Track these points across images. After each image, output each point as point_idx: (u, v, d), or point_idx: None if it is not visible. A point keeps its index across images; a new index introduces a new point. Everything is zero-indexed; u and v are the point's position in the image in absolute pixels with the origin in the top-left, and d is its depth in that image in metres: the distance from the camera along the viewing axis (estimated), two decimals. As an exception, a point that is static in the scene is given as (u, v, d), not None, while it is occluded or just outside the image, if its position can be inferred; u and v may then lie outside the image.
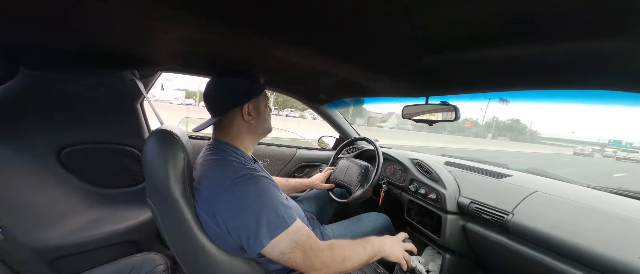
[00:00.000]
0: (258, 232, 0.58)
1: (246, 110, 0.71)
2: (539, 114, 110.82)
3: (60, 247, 0.87)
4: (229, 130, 0.72)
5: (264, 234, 0.57)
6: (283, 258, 0.59)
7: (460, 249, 1.02)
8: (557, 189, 0.90)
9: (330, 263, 0.63)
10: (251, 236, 0.58)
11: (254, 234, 0.58)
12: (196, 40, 0.68)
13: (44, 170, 0.94)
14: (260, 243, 0.57)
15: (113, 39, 0.66)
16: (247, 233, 0.59)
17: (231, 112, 0.71)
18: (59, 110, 0.97)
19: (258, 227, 0.58)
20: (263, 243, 0.57)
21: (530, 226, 0.77)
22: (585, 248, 0.65)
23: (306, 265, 0.60)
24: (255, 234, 0.58)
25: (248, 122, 0.72)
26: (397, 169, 1.36)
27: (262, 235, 0.57)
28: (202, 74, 1.22)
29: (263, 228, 0.58)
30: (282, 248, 0.59)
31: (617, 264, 0.59)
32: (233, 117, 0.71)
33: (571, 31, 0.41)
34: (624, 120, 74.96)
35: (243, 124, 0.72)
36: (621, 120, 76.49)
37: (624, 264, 0.58)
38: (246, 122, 0.72)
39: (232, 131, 0.72)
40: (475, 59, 0.60)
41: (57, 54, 0.76)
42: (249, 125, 0.73)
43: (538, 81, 0.68)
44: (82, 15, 0.52)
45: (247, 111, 0.71)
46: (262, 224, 0.58)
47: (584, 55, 0.48)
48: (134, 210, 1.09)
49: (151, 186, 0.64)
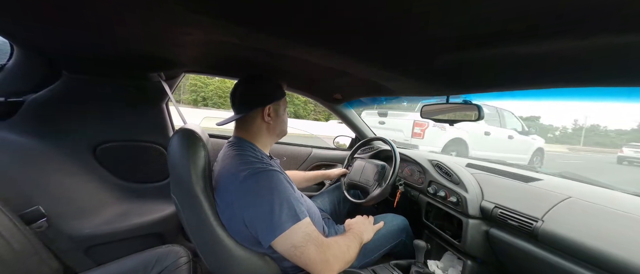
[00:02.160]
0: (271, 223, 0.60)
1: (267, 111, 0.77)
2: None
3: (94, 236, 0.94)
4: (250, 128, 0.78)
5: (276, 225, 0.60)
6: (296, 252, 0.60)
7: (482, 255, 0.97)
8: (594, 196, 0.82)
9: (342, 255, 0.66)
10: (264, 227, 0.61)
11: (267, 225, 0.60)
12: (216, 43, 0.71)
13: (82, 165, 1.03)
14: (273, 233, 0.60)
15: (142, 44, 0.71)
16: (260, 223, 0.61)
17: (253, 112, 0.77)
18: (94, 110, 1.05)
19: (271, 218, 0.60)
20: (275, 233, 0.60)
21: (563, 235, 0.72)
22: (626, 261, 0.59)
23: (320, 258, 0.61)
24: (269, 225, 0.60)
25: (267, 122, 0.79)
26: (415, 171, 1.32)
27: (274, 226, 0.60)
28: (222, 74, 1.27)
29: (275, 219, 0.60)
30: (295, 240, 0.60)
31: None
32: (254, 116, 0.78)
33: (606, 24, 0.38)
34: (683, 119, 64.51)
35: (262, 124, 0.79)
36: (673, 119, 66.59)
37: None
38: (265, 122, 0.78)
39: (253, 129, 0.79)
40: (500, 56, 0.57)
41: (94, 59, 0.83)
42: (268, 125, 0.79)
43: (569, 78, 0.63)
44: (115, 24, 0.56)
45: (268, 112, 0.77)
46: (274, 216, 0.60)
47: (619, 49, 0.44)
48: (159, 204, 1.15)
49: (175, 182, 0.68)
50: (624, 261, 0.60)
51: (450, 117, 1.02)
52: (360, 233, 0.82)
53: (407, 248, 1.09)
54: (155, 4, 0.47)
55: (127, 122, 1.13)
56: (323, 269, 0.62)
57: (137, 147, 1.16)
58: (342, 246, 0.69)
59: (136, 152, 1.16)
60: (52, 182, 0.90)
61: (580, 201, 0.80)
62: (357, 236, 0.79)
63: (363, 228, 0.87)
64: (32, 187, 0.84)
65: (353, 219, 0.94)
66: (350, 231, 0.82)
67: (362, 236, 0.82)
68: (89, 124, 1.05)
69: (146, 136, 1.18)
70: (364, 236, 0.83)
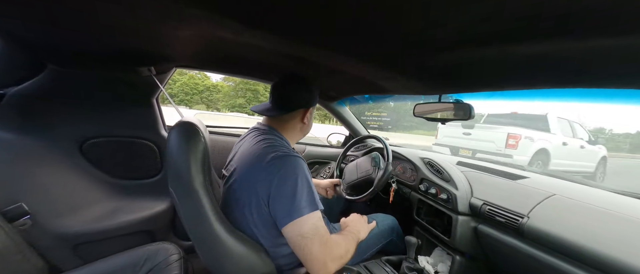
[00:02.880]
0: (291, 205, 0.62)
1: (309, 112, 0.83)
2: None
3: (81, 234, 0.92)
4: (286, 125, 0.82)
5: (295, 209, 0.62)
6: (302, 241, 0.61)
7: (471, 251, 1.00)
8: (578, 193, 0.86)
9: (339, 258, 0.67)
10: (284, 207, 0.62)
11: (287, 207, 0.62)
12: (209, 38, 0.70)
13: (68, 161, 1.00)
14: (290, 216, 0.62)
15: (131, 38, 0.69)
16: (282, 203, 0.63)
17: (295, 112, 0.81)
18: (82, 104, 1.02)
19: (293, 199, 0.62)
20: (292, 216, 0.61)
21: (547, 231, 0.74)
22: (608, 256, 0.62)
23: (320, 258, 0.62)
24: (289, 208, 0.62)
25: (303, 123, 0.84)
26: (407, 168, 1.34)
27: (293, 209, 0.62)
28: (215, 70, 1.24)
29: (296, 203, 0.62)
30: (304, 230, 0.61)
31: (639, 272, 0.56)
32: (295, 115, 0.82)
33: (598, 27, 0.39)
34: (681, 123, 58.40)
35: (298, 124, 0.84)
36: (673, 124, 61.57)
37: None
38: (301, 123, 0.84)
39: (288, 126, 0.82)
40: (493, 57, 0.58)
41: (81, 51, 0.80)
42: (302, 125, 0.85)
43: (559, 79, 0.65)
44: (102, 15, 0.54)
45: (309, 113, 0.83)
46: (295, 199, 0.62)
47: (609, 52, 0.46)
48: (149, 201, 1.13)
49: (173, 176, 0.67)
50: (603, 256, 0.63)
51: (442, 116, 1.04)
52: (357, 231, 0.84)
53: (397, 246, 1.11)
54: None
55: (115, 117, 1.10)
56: (320, 270, 0.63)
57: (127, 143, 1.14)
58: (342, 249, 0.70)
59: (125, 148, 1.14)
60: (36, 179, 0.87)
61: (564, 198, 0.84)
62: (355, 236, 0.81)
63: (359, 227, 0.88)
64: (15, 184, 0.81)
65: (349, 218, 0.95)
66: (348, 231, 0.83)
67: (359, 234, 0.84)
68: (75, 119, 1.02)
69: (136, 132, 1.15)
70: (361, 235, 0.85)
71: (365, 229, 0.90)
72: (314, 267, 0.63)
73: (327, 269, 0.64)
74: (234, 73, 1.27)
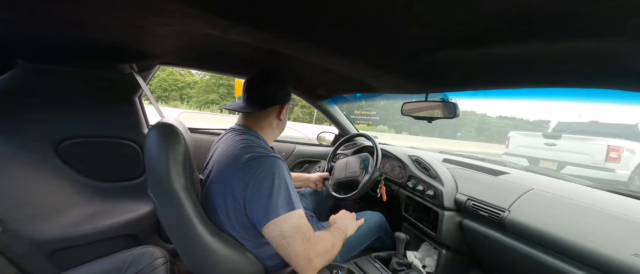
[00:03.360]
0: (268, 205, 0.61)
1: (283, 110, 0.82)
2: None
3: (58, 240, 0.87)
4: (262, 123, 0.81)
5: (272, 209, 0.61)
6: (283, 241, 0.61)
7: (456, 245, 1.03)
8: (554, 187, 0.90)
9: (325, 253, 0.67)
10: (261, 209, 0.61)
11: (263, 207, 0.61)
12: (194, 34, 0.68)
13: (42, 163, 0.94)
14: (267, 216, 0.61)
15: (110, 33, 0.65)
16: (258, 204, 0.62)
17: (270, 108, 0.79)
18: (57, 103, 0.96)
19: (268, 200, 0.61)
20: (269, 216, 0.60)
21: (526, 223, 0.78)
22: (580, 245, 0.66)
23: (304, 255, 0.62)
24: (265, 208, 0.61)
25: (279, 120, 0.83)
26: (396, 166, 1.36)
27: (270, 209, 0.61)
28: (200, 68, 1.21)
29: (272, 203, 0.61)
30: (284, 229, 0.61)
31: (611, 261, 0.60)
32: (270, 113, 0.80)
33: (572, 30, 0.41)
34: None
35: (274, 121, 0.82)
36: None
37: (618, 262, 0.59)
38: (278, 119, 0.82)
39: (265, 124, 0.81)
40: (476, 57, 0.60)
41: (54, 46, 0.75)
42: (278, 122, 0.83)
43: (537, 79, 0.68)
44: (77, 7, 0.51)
45: (283, 111, 0.82)
46: (271, 200, 0.61)
47: (584, 54, 0.48)
48: (132, 204, 1.09)
49: (152, 179, 0.65)
50: (577, 246, 0.66)
51: (429, 115, 1.06)
52: (344, 227, 0.84)
53: (385, 242, 1.13)
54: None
55: (95, 117, 1.05)
56: (305, 267, 0.62)
57: (107, 143, 1.08)
58: (328, 244, 0.70)
59: (106, 149, 1.08)
60: (6, 182, 0.82)
61: (542, 192, 0.88)
62: (342, 232, 0.81)
63: (347, 223, 0.89)
64: None
65: (337, 215, 0.96)
66: (335, 227, 0.83)
67: (347, 230, 0.84)
68: (50, 119, 0.96)
69: (117, 132, 1.10)
70: (348, 231, 0.85)
71: (353, 226, 0.91)
72: (299, 264, 0.62)
73: (313, 265, 0.63)
74: (220, 71, 1.25)
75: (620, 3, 0.32)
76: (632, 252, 0.59)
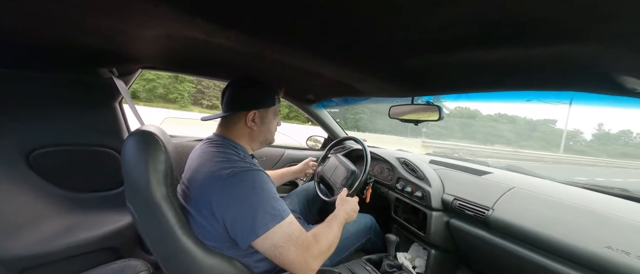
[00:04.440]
0: (253, 223, 0.58)
1: (251, 116, 0.75)
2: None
3: (28, 257, 0.80)
4: (232, 129, 0.77)
5: (259, 225, 0.58)
6: (276, 252, 0.59)
7: (444, 244, 1.05)
8: (533, 186, 0.95)
9: (320, 254, 0.65)
10: (246, 227, 0.59)
11: (249, 225, 0.59)
12: (178, 38, 0.66)
13: (11, 174, 0.87)
14: (255, 233, 0.58)
15: (89, 35, 0.62)
16: (242, 223, 0.59)
17: (238, 114, 0.75)
18: (27, 109, 0.90)
19: (254, 218, 0.59)
20: (257, 233, 0.58)
21: (508, 221, 0.81)
22: (557, 240, 0.69)
23: (300, 261, 0.61)
24: (251, 225, 0.58)
25: (250, 128, 0.76)
26: (385, 168, 1.38)
27: (257, 226, 0.58)
28: (185, 72, 1.18)
29: (258, 219, 0.59)
30: (275, 240, 0.59)
31: (585, 253, 0.64)
32: (238, 119, 0.75)
33: (546, 36, 0.44)
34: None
35: (245, 128, 0.76)
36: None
37: (592, 254, 0.63)
38: (248, 127, 0.76)
39: (234, 130, 0.76)
40: (458, 61, 0.62)
41: (24, 50, 0.71)
42: (250, 131, 0.77)
43: (517, 83, 0.72)
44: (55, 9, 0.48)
45: (252, 117, 0.75)
46: (257, 216, 0.59)
47: (557, 58, 0.51)
48: (112, 215, 1.03)
49: (131, 190, 0.61)
50: (557, 241, 0.70)
51: (415, 118, 1.09)
52: (344, 213, 0.82)
53: (375, 244, 1.13)
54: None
55: (70, 123, 0.99)
56: (302, 269, 0.61)
57: (84, 152, 1.03)
58: (323, 244, 0.67)
59: (83, 158, 1.02)
60: None
61: (522, 190, 0.92)
62: (339, 220, 0.78)
63: (346, 207, 0.85)
64: None
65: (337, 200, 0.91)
66: (333, 218, 0.78)
67: (347, 216, 0.82)
68: (20, 126, 0.89)
69: (95, 139, 1.04)
70: (348, 217, 0.83)
71: (351, 208, 0.86)
72: (295, 270, 0.61)
73: (310, 267, 0.62)
74: (206, 75, 1.22)
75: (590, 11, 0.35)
76: (605, 244, 0.63)
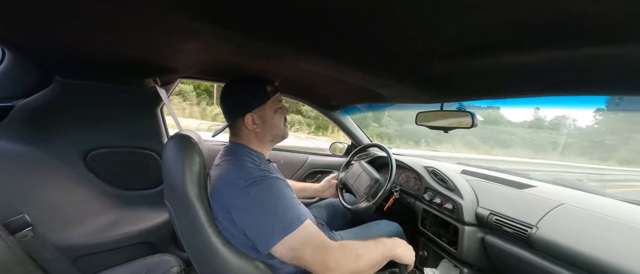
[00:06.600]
0: (272, 231, 0.59)
1: (249, 120, 0.73)
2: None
3: (81, 246, 0.91)
4: (240, 135, 0.77)
5: (277, 233, 0.59)
6: (293, 253, 0.60)
7: (478, 263, 0.96)
8: (586, 202, 0.84)
9: (344, 260, 0.62)
10: (264, 235, 0.60)
11: (268, 233, 0.60)
12: (212, 50, 0.71)
13: (72, 172, 1.00)
14: (273, 240, 0.59)
15: (138, 50, 0.70)
16: (261, 232, 0.61)
17: (238, 120, 0.75)
18: (87, 115, 1.04)
19: (272, 227, 0.60)
20: (276, 240, 0.59)
21: (556, 241, 0.72)
22: (616, 266, 0.60)
23: (318, 262, 0.60)
24: (270, 233, 0.60)
25: (253, 130, 0.75)
26: (411, 177, 1.32)
27: (275, 233, 0.59)
28: (219, 80, 1.26)
29: (276, 227, 0.60)
30: (291, 243, 0.59)
31: None
32: (240, 124, 0.75)
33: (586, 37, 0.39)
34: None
35: (249, 132, 0.75)
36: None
37: None
38: (251, 130, 0.75)
39: (242, 136, 0.77)
40: (491, 66, 0.58)
41: (87, 63, 0.82)
42: (255, 133, 0.76)
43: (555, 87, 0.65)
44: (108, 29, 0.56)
45: (251, 120, 0.73)
46: (275, 225, 0.60)
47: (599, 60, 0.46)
48: (151, 212, 1.12)
49: (169, 188, 0.67)
50: (614, 266, 0.60)
51: (445, 124, 1.03)
52: (392, 243, 0.73)
53: None
54: (151, 12, 0.47)
55: (120, 128, 1.11)
56: (322, 271, 0.60)
57: (130, 153, 1.14)
58: (350, 253, 0.63)
59: (129, 158, 1.14)
60: (39, 190, 0.88)
61: (572, 207, 0.81)
62: (384, 244, 0.71)
63: (398, 242, 0.76)
64: (18, 195, 0.81)
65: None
66: (379, 240, 0.72)
67: (396, 247, 0.72)
68: (80, 131, 1.03)
69: (140, 142, 1.16)
70: (398, 249, 0.73)
71: (405, 251, 0.75)
72: (316, 271, 0.61)
73: (329, 267, 0.59)
74: None
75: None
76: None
